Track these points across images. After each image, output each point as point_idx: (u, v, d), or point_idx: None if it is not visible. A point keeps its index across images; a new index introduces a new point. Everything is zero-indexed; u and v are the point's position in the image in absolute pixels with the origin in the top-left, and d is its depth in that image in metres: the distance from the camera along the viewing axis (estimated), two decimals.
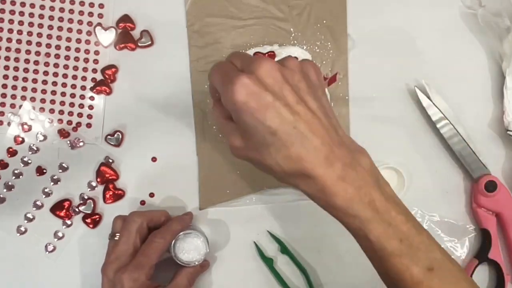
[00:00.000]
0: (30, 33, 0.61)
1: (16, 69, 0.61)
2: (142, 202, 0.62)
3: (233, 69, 0.44)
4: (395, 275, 0.44)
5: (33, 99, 0.61)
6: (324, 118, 0.43)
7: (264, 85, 0.42)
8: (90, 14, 0.62)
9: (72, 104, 0.62)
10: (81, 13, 0.62)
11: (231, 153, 0.46)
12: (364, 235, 0.44)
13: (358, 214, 0.43)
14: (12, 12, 0.61)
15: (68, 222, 0.61)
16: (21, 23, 0.61)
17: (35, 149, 0.61)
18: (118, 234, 0.55)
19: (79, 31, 0.62)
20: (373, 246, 0.44)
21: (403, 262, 0.44)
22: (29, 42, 0.61)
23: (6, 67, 0.61)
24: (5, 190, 0.61)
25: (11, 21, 0.61)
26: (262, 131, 0.42)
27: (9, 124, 0.61)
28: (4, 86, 0.61)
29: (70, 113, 0.62)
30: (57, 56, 0.62)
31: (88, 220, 0.61)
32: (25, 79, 0.61)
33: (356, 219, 0.43)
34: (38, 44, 0.61)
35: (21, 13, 0.61)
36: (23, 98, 0.61)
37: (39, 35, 0.61)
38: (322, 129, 0.43)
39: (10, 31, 0.61)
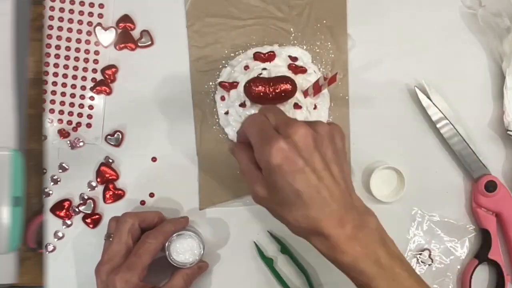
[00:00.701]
0: None
1: None
2: (142, 202, 0.62)
3: (270, 127, 0.47)
4: None
5: None
6: (343, 184, 0.47)
7: (298, 150, 0.45)
8: (90, 14, 0.62)
9: (72, 104, 0.62)
10: (81, 13, 0.62)
11: (252, 198, 0.49)
12: None
13: (365, 271, 0.46)
14: None
15: (68, 222, 0.61)
16: None
17: None
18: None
19: (79, 31, 0.62)
20: None
21: None
22: None
23: None
24: None
25: None
26: (289, 191, 0.45)
27: None
28: None
29: (70, 113, 0.62)
30: (57, 56, 0.62)
31: (88, 220, 0.61)
32: None
33: (362, 275, 0.46)
34: None
35: None
36: None
37: None
38: (339, 194, 0.46)
39: None
